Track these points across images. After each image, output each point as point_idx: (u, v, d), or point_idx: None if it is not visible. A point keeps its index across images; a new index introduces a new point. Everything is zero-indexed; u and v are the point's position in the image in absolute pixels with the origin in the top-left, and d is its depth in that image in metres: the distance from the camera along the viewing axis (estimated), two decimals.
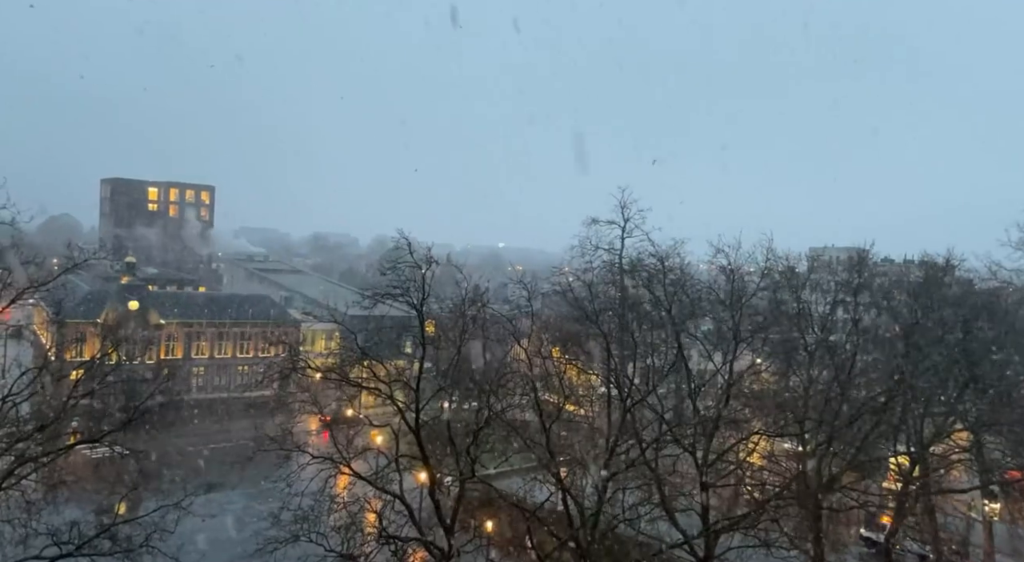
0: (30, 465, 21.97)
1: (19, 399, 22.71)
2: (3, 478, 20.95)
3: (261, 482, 33.11)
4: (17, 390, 22.70)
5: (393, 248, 26.10)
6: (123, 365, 37.06)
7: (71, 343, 59.64)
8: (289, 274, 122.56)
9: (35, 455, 22.20)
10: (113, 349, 32.91)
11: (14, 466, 21.34)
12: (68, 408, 23.96)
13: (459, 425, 26.56)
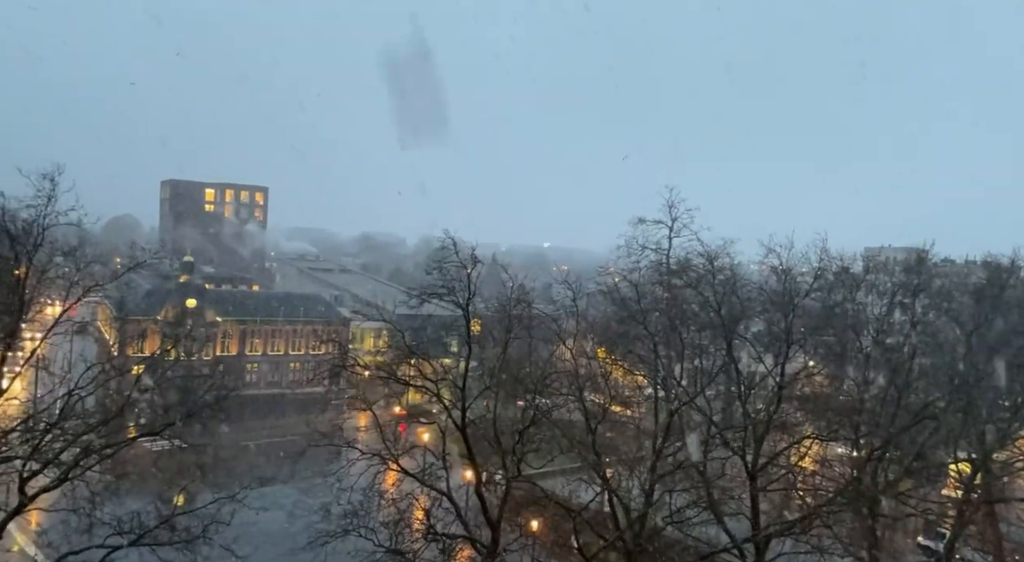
0: (95, 456, 22.85)
1: (84, 393, 23.61)
2: (70, 469, 21.90)
3: (312, 477, 33.89)
4: (83, 384, 23.64)
5: (439, 248, 26.34)
6: (181, 361, 38.30)
7: (133, 339, 61.97)
8: (339, 273, 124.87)
9: (99, 447, 23.09)
10: (172, 346, 33.94)
11: (80, 457, 22.25)
12: (130, 402, 24.92)
13: (505, 424, 26.69)
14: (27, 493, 21.12)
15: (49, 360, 27.34)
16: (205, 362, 68.71)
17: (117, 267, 33.69)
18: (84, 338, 70.38)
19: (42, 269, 24.39)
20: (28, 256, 22.89)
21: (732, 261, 33.34)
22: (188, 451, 29.48)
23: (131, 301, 67.22)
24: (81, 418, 23.68)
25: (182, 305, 71.34)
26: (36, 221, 22.80)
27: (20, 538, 32.25)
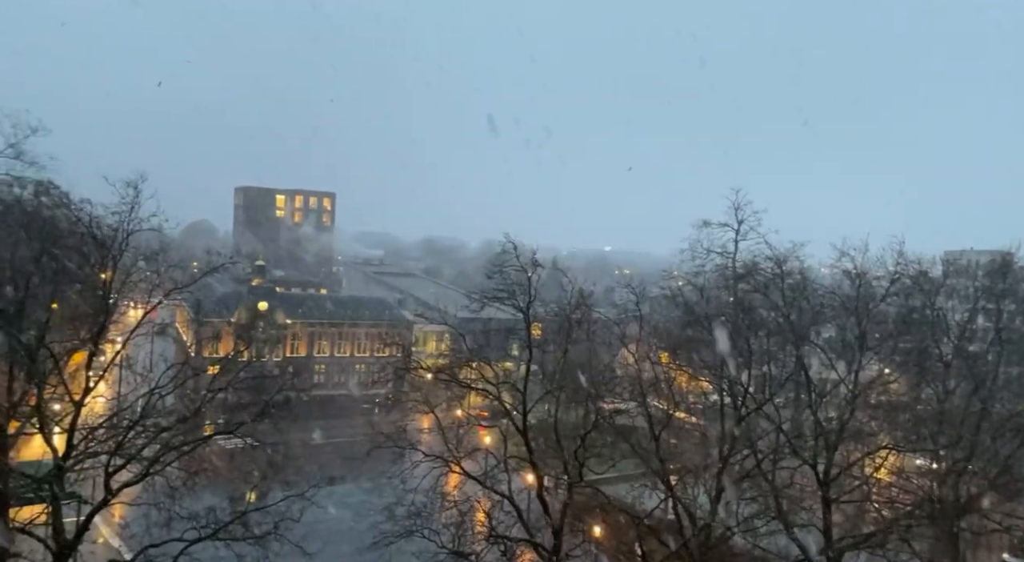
0: (173, 453, 23.77)
1: (164, 392, 24.68)
2: (151, 464, 22.88)
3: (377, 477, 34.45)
4: (163, 383, 24.68)
5: (499, 252, 26.54)
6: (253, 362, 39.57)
7: (208, 340, 64.39)
8: (402, 277, 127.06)
9: (178, 444, 24.03)
10: (245, 347, 35.10)
11: (160, 453, 23.20)
12: (206, 401, 25.89)
13: (566, 428, 26.62)
14: (111, 487, 22.11)
15: (132, 360, 28.67)
16: (275, 363, 70.88)
17: (194, 271, 35.00)
18: (164, 339, 73.68)
19: (126, 273, 25.60)
20: (113, 260, 24.05)
21: (802, 265, 32.41)
22: (260, 449, 30.37)
23: (207, 304, 69.98)
24: (161, 416, 24.67)
25: (254, 308, 73.84)
26: (121, 227, 23.97)
27: (105, 530, 33.91)
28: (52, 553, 21.30)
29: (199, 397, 25.64)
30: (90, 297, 25.97)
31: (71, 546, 21.56)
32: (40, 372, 22.71)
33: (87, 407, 23.52)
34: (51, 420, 22.88)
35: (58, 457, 21.85)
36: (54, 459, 21.92)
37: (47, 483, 21.76)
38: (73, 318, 28.34)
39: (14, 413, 22.63)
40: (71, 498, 23.99)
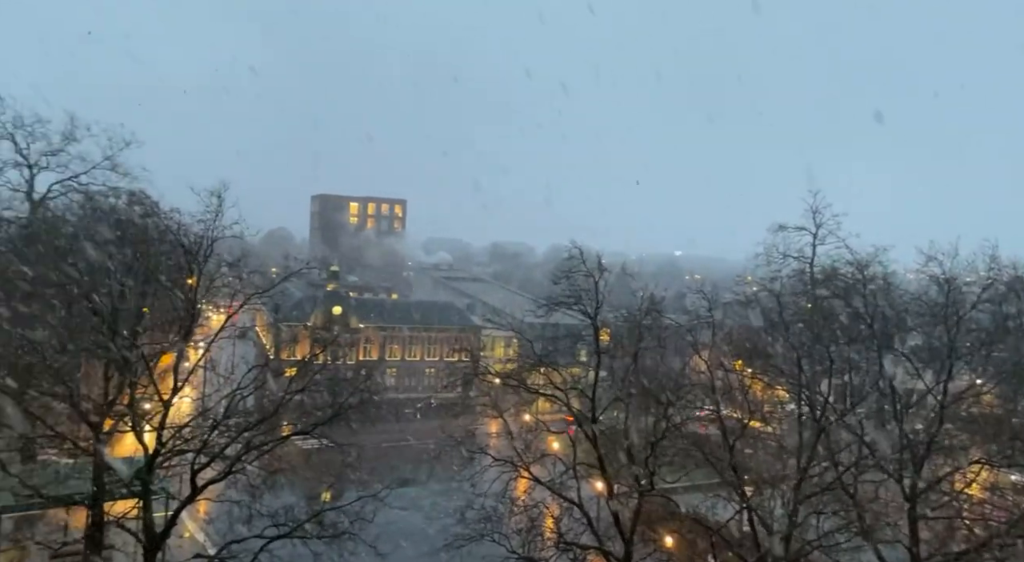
0: (254, 452, 24.68)
1: (246, 393, 25.66)
2: (233, 463, 23.78)
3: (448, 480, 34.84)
4: (244, 385, 25.65)
5: (566, 257, 26.50)
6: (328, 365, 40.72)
7: (286, 343, 66.60)
8: (471, 282, 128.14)
9: (258, 443, 24.93)
10: (321, 350, 36.17)
11: (241, 452, 24.09)
12: (284, 402, 26.77)
13: (636, 436, 26.27)
14: (197, 484, 23.11)
15: (215, 362, 29.91)
16: (349, 366, 72.62)
17: (273, 276, 36.30)
18: (245, 342, 76.52)
19: (210, 278, 26.77)
20: (199, 267, 25.19)
21: (885, 270, 31.05)
22: (334, 450, 31.16)
23: (285, 308, 72.40)
24: (243, 416, 25.65)
25: (329, 312, 75.89)
26: (206, 234, 25.12)
27: (191, 525, 35.42)
28: (143, 546, 22.38)
29: (278, 398, 26.49)
30: (178, 301, 27.25)
31: (160, 539, 22.61)
32: (132, 373, 23.98)
33: (175, 407, 24.65)
34: (142, 419, 24.09)
35: (148, 454, 23.00)
36: (145, 456, 23.08)
37: (139, 479, 22.90)
38: (162, 322, 29.83)
39: (109, 411, 23.95)
40: (160, 493, 25.19)
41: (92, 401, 23.68)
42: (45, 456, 27.31)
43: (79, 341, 24.45)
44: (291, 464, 30.41)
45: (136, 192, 41.71)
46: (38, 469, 26.68)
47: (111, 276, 24.77)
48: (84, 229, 35.95)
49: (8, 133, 39.46)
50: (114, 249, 26.23)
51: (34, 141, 40.21)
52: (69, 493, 23.15)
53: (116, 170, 41.24)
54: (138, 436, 23.27)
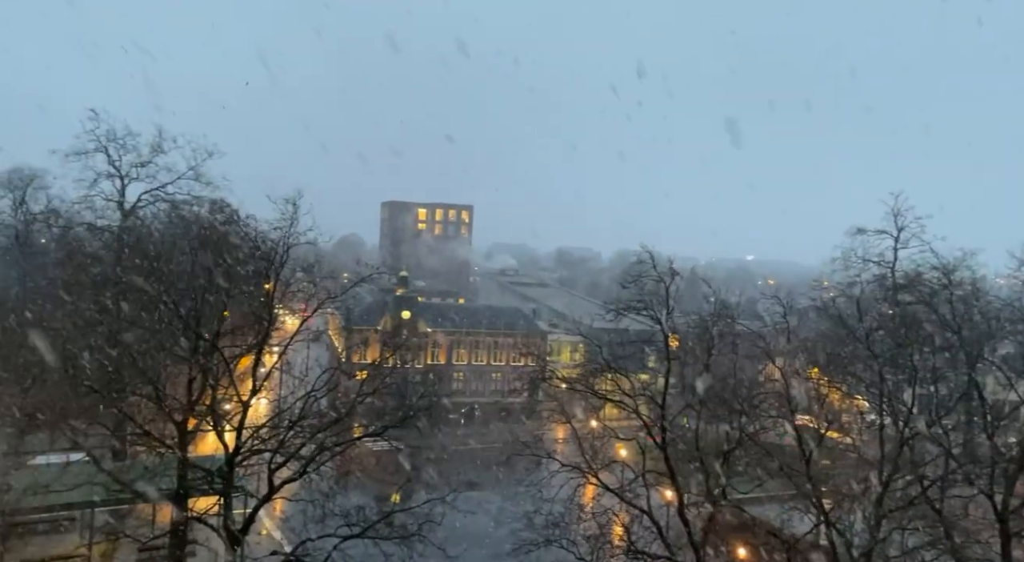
0: (327, 453, 25.29)
1: (319, 395, 26.35)
2: (307, 463, 24.41)
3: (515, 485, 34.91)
4: (318, 387, 26.34)
5: (635, 262, 26.15)
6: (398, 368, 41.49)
7: (357, 347, 68.17)
8: (536, 287, 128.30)
9: (331, 444, 25.52)
10: (391, 354, 36.83)
11: (315, 453, 24.74)
12: (356, 404, 27.35)
13: (708, 444, 25.68)
14: (274, 483, 23.83)
15: (291, 364, 30.82)
16: (417, 370, 73.77)
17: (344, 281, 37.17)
18: (318, 345, 78.80)
19: (286, 283, 27.61)
20: (276, 272, 26.02)
21: (974, 275, 29.45)
22: (403, 453, 31.68)
23: (356, 312, 74.12)
24: (316, 417, 26.32)
25: (398, 316, 77.24)
26: (281, 241, 25.94)
27: (268, 523, 36.59)
28: (224, 541, 23.23)
29: (349, 400, 27.07)
30: (256, 306, 28.22)
31: (240, 536, 23.42)
32: (214, 374, 24.96)
33: (252, 408, 25.50)
34: (223, 419, 25.03)
35: (228, 453, 23.87)
36: (225, 455, 23.97)
37: (220, 477, 23.79)
38: (241, 325, 30.96)
39: (192, 411, 24.96)
40: (240, 491, 26.08)
41: (177, 401, 24.72)
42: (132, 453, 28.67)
43: (165, 344, 25.60)
44: (362, 465, 31.06)
45: (217, 200, 43.64)
46: (128, 466, 28.10)
47: (194, 281, 25.83)
48: (170, 236, 37.77)
49: (102, 146, 41.91)
50: (197, 255, 27.33)
51: (125, 153, 42.63)
52: (156, 489, 24.20)
53: (199, 180, 43.27)
54: (219, 435, 24.18)
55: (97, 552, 29.66)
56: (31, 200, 51.63)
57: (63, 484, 24.74)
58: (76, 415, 24.75)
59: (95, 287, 29.22)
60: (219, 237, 32.21)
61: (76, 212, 46.11)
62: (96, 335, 25.33)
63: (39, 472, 28.20)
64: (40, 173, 51.13)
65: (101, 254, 38.88)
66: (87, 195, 43.49)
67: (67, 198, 47.57)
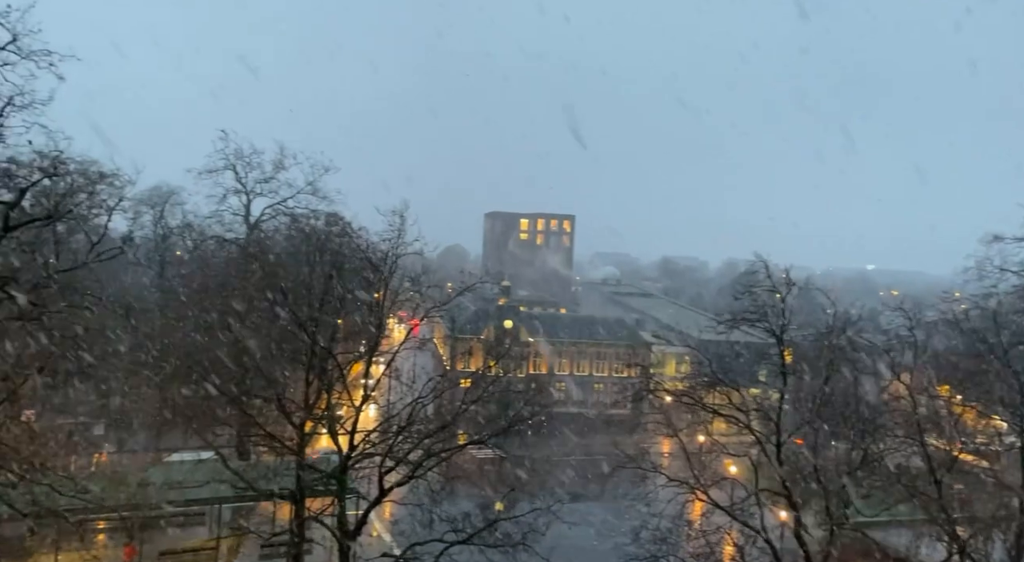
0: (434, 459, 25.89)
1: (426, 402, 27.00)
2: (415, 468, 25.05)
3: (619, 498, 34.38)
4: (424, 394, 27.00)
5: (745, 272, 25.24)
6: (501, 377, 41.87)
7: (462, 355, 69.40)
8: (639, 297, 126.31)
9: (438, 450, 26.11)
10: (494, 363, 37.24)
11: (423, 458, 25.37)
12: (461, 412, 27.82)
13: (828, 464, 24.35)
14: (384, 487, 24.59)
15: (399, 371, 31.77)
16: (520, 379, 74.24)
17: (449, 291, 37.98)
18: (424, 353, 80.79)
19: (395, 293, 28.52)
20: (385, 282, 26.94)
21: None
22: (507, 461, 31.87)
23: (460, 321, 75.58)
24: (423, 424, 27.00)
25: (501, 326, 78.14)
26: (390, 251, 26.87)
27: (378, 525, 37.80)
28: (338, 541, 24.16)
29: (455, 408, 27.57)
30: (367, 314, 29.32)
31: (352, 537, 24.29)
32: (329, 379, 26.09)
33: (363, 413, 26.47)
34: (337, 422, 26.10)
35: (342, 456, 24.84)
36: (339, 457, 24.95)
37: (334, 479, 24.79)
38: (354, 333, 32.23)
39: (309, 414, 26.18)
40: (352, 493, 27.07)
41: (295, 404, 25.99)
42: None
43: (285, 349, 27.02)
44: (467, 472, 31.53)
45: (332, 214, 45.85)
46: (251, 465, 29.78)
47: (311, 291, 27.14)
48: (290, 248, 39.95)
49: (231, 164, 45.05)
50: (314, 266, 28.71)
51: (251, 170, 45.62)
52: (276, 488, 25.53)
53: (316, 194, 45.71)
54: (333, 438, 25.22)
55: (225, 546, 31.52)
56: (169, 215, 56.07)
57: (195, 480, 26.52)
58: (206, 416, 26.49)
59: (223, 296, 31.25)
60: (334, 249, 33.76)
61: (207, 226, 49.76)
62: (224, 341, 27.03)
63: (173, 468, 30.44)
64: (177, 190, 55.46)
65: (228, 265, 41.59)
66: (217, 210, 46.95)
67: (200, 213, 51.40)
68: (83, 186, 26.21)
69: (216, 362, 26.33)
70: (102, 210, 26.05)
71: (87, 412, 40.17)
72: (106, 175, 29.09)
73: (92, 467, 35.73)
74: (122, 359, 29.37)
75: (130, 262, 46.88)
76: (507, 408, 32.67)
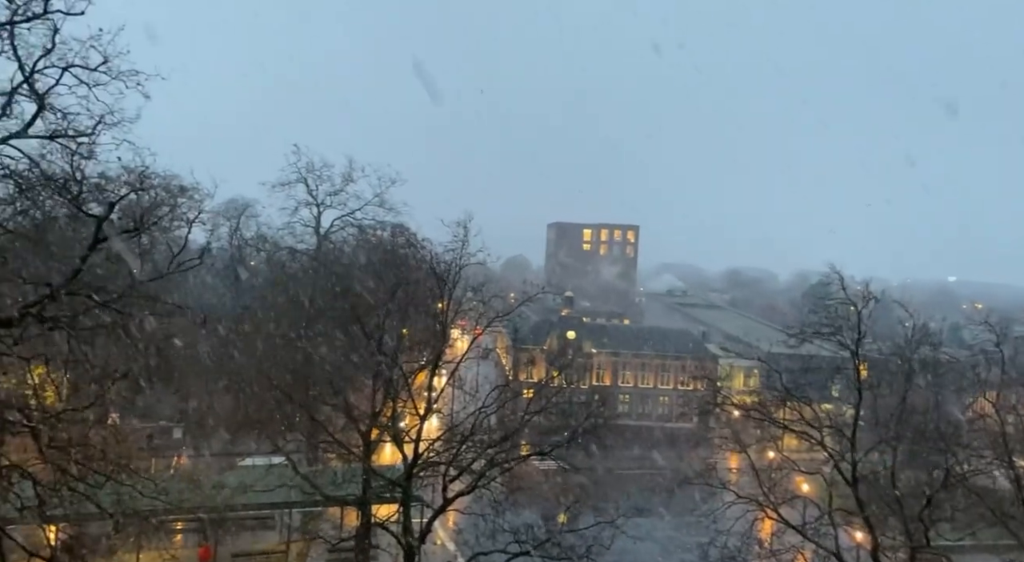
0: (497, 469, 25.90)
1: (489, 411, 27.09)
2: (479, 477, 25.12)
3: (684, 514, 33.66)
4: (488, 403, 27.10)
5: (817, 283, 24.51)
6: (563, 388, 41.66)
7: (524, 365, 69.41)
8: (706, 309, 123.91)
9: (501, 460, 26.12)
10: (557, 373, 37.08)
11: (486, 468, 25.44)
12: (524, 422, 27.79)
13: (907, 484, 23.27)
14: (447, 495, 24.74)
15: (462, 380, 32.01)
16: (582, 390, 73.67)
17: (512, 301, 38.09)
18: (487, 363, 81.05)
19: (458, 303, 28.79)
20: (449, 292, 27.24)
21: None
22: (570, 473, 31.61)
23: (523, 331, 75.65)
24: (486, 433, 27.07)
25: (563, 336, 77.80)
26: (454, 262, 27.16)
27: (442, 534, 38.05)
28: (403, 548, 24.43)
29: (518, 418, 27.56)
30: (431, 324, 29.69)
31: (417, 544, 24.51)
32: (394, 388, 26.49)
33: (426, 421, 26.75)
34: (402, 431, 26.44)
35: (407, 464, 25.14)
36: (404, 465, 25.26)
37: (399, 486, 25.10)
38: (418, 342, 32.68)
39: (375, 422, 26.63)
40: (417, 501, 27.35)
41: (362, 412, 26.48)
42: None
43: (352, 358, 27.61)
44: (530, 483, 31.39)
45: (398, 225, 46.77)
46: (319, 471, 30.46)
47: (378, 300, 27.69)
48: (357, 259, 40.94)
49: (302, 177, 46.55)
50: (381, 277, 29.30)
51: (321, 183, 47.00)
52: (343, 494, 26.01)
53: (383, 206, 46.73)
54: (398, 446, 25.55)
55: (294, 550, 32.30)
56: (244, 227, 58.25)
57: (266, 485, 27.28)
58: (278, 422, 27.28)
59: (294, 305, 32.23)
60: (399, 259, 34.39)
61: (280, 237, 51.46)
62: (295, 349, 27.86)
63: (246, 472, 31.38)
64: (251, 202, 57.63)
65: (299, 275, 42.90)
66: (289, 222, 48.51)
67: (273, 225, 53.25)
68: (166, 199, 27.57)
69: (287, 369, 27.11)
70: (182, 222, 27.35)
71: (167, 416, 42.02)
72: (186, 189, 30.62)
73: (171, 469, 37.23)
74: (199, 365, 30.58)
75: (208, 272, 48.87)
76: (570, 419, 32.47)
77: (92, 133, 17.68)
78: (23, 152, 17.53)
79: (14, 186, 18.72)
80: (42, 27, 16.56)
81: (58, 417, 14.91)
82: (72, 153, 17.90)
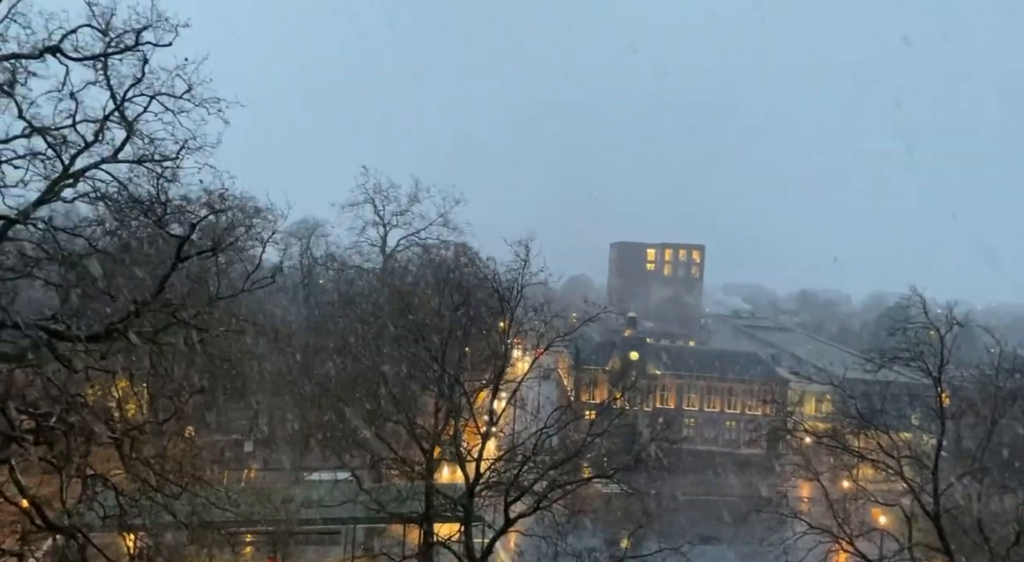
0: (559, 491, 25.69)
1: (551, 432, 26.94)
2: (541, 499, 24.96)
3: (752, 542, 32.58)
4: (549, 424, 26.96)
5: (895, 306, 23.51)
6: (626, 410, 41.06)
7: (585, 386, 68.88)
8: (775, 331, 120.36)
9: (563, 482, 25.90)
10: (619, 395, 36.60)
11: (547, 490, 25.26)
12: (586, 444, 27.49)
13: (994, 519, 21.94)
14: (509, 516, 24.65)
15: (523, 400, 31.93)
16: (646, 413, 72.46)
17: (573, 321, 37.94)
18: (548, 383, 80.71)
19: (519, 323, 28.87)
20: (511, 312, 27.35)
21: None
22: (633, 497, 31.04)
23: (584, 352, 74.92)
24: (548, 454, 26.91)
25: (626, 357, 76.84)
26: (516, 281, 27.29)
27: (503, 555, 37.90)
28: None
29: (580, 439, 27.30)
30: (493, 343, 29.83)
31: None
32: (456, 407, 26.67)
33: (489, 441, 26.78)
34: (464, 450, 26.54)
35: (469, 483, 25.20)
36: (466, 484, 25.33)
37: (461, 505, 25.16)
38: (480, 361, 32.83)
39: (438, 440, 26.83)
40: (479, 521, 27.35)
41: (425, 430, 26.73)
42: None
43: (416, 376, 27.97)
44: (592, 506, 30.98)
45: (461, 244, 47.40)
46: (383, 488, 30.84)
47: (442, 320, 28.01)
48: (421, 278, 41.59)
49: (370, 198, 47.85)
50: (444, 296, 29.66)
51: (388, 203, 48.21)
52: (406, 511, 26.24)
53: (447, 225, 47.54)
54: (461, 465, 25.66)
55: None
56: (314, 246, 60.07)
57: (332, 500, 27.79)
58: (344, 438, 27.80)
59: (360, 323, 32.90)
60: (462, 279, 34.75)
61: (348, 256, 52.86)
62: (361, 367, 28.39)
63: (313, 487, 32.04)
64: (321, 222, 59.47)
65: (366, 293, 43.85)
66: (356, 241, 49.84)
67: (341, 244, 54.77)
68: (241, 220, 28.70)
69: (353, 386, 27.63)
70: (257, 242, 28.43)
71: (239, 429, 43.39)
72: (261, 210, 31.81)
73: (241, 482, 38.35)
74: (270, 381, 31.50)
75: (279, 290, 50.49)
76: (633, 442, 31.94)
77: (176, 157, 18.65)
78: (113, 175, 18.60)
79: (104, 208, 19.87)
80: (132, 58, 17.62)
81: (140, 429, 15.58)
82: (158, 176, 18.95)
